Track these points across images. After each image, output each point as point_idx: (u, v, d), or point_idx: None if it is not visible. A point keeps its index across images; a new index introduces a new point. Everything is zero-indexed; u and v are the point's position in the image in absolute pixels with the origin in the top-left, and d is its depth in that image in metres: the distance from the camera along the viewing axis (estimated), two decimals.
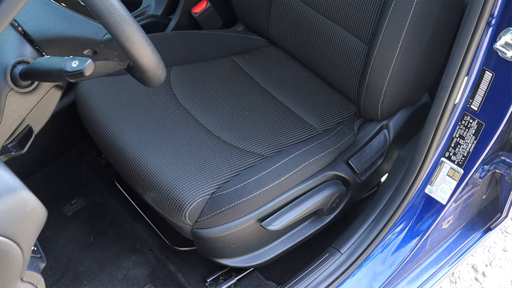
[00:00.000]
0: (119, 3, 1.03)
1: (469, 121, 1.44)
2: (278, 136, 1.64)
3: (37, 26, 1.16)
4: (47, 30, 1.15)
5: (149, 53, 1.09)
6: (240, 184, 1.49)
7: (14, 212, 0.86)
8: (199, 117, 1.66)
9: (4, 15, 0.79)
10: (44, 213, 0.91)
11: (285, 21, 1.84)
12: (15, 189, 0.87)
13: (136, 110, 1.66)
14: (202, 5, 2.01)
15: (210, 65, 1.86)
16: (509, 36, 1.30)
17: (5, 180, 0.88)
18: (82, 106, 1.70)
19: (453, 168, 1.51)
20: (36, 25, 1.16)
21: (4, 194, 0.86)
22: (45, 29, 1.15)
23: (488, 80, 1.37)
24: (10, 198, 0.86)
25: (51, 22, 1.16)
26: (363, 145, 1.71)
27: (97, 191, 1.94)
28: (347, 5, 1.64)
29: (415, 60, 1.53)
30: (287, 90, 1.81)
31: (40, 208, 0.90)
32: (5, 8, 0.78)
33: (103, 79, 1.70)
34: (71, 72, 1.02)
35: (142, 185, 1.53)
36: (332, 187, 1.62)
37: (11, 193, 0.86)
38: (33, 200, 0.89)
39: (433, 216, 1.59)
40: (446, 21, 1.52)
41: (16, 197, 0.86)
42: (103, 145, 1.65)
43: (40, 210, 0.90)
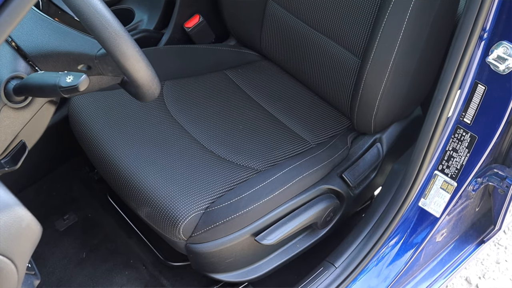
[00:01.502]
0: (113, 18, 1.03)
1: (462, 134, 1.45)
2: (271, 150, 1.64)
3: (31, 41, 1.15)
4: (41, 45, 1.15)
5: (144, 68, 1.09)
6: (234, 198, 1.48)
7: (9, 229, 0.85)
8: (192, 132, 1.66)
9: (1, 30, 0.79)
10: (39, 229, 0.91)
11: (277, 35, 1.85)
12: (10, 206, 0.86)
13: (129, 125, 1.65)
14: (194, 20, 2.01)
15: (203, 79, 1.86)
16: (501, 50, 1.31)
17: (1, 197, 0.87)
18: (74, 121, 1.69)
19: (446, 181, 1.51)
20: (29, 40, 1.16)
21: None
22: (39, 44, 1.15)
23: (481, 93, 1.38)
24: (5, 214, 0.85)
25: (45, 37, 1.16)
26: (356, 158, 1.71)
27: (90, 206, 1.93)
28: (339, 19, 1.65)
29: (408, 73, 1.54)
30: (280, 104, 1.81)
31: (35, 224, 0.90)
32: (1, 23, 0.78)
33: (96, 94, 1.70)
34: (66, 87, 1.02)
35: (135, 200, 1.52)
36: (326, 201, 1.62)
37: (6, 210, 0.85)
38: (28, 217, 0.88)
39: (427, 229, 1.59)
40: (438, 34, 1.53)
41: (11, 213, 0.86)
42: (96, 160, 1.64)
43: (35, 227, 0.89)
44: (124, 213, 1.86)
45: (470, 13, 1.26)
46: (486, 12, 1.26)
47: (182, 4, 1.97)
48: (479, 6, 1.25)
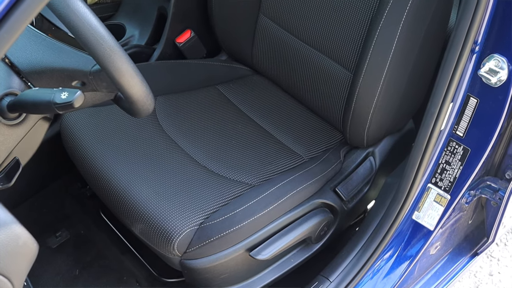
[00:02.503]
0: (108, 34, 1.03)
1: (455, 147, 1.46)
2: (264, 165, 1.64)
3: (25, 58, 1.15)
4: (34, 61, 1.15)
5: (139, 83, 1.09)
6: (229, 214, 1.48)
7: (5, 247, 0.84)
8: (185, 147, 1.65)
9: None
10: (36, 247, 0.90)
11: (269, 50, 1.85)
12: (6, 224, 0.86)
13: (122, 141, 1.65)
14: (186, 35, 2.01)
15: (195, 94, 1.86)
16: (492, 63, 1.32)
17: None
18: (67, 137, 1.69)
19: (440, 194, 1.52)
20: (23, 57, 1.15)
21: None
22: (33, 61, 1.15)
23: (473, 106, 1.39)
24: (1, 233, 0.84)
25: (39, 53, 1.16)
26: (349, 172, 1.71)
27: (82, 223, 1.91)
28: (331, 33, 1.65)
29: (400, 87, 1.55)
30: (272, 118, 1.81)
31: (32, 242, 0.89)
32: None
33: (88, 110, 1.70)
34: (61, 104, 1.01)
35: (129, 216, 1.51)
36: (320, 215, 1.61)
37: (2, 228, 0.85)
38: (25, 235, 0.88)
39: (421, 242, 1.59)
40: (430, 48, 1.54)
41: (7, 231, 0.85)
42: (89, 176, 1.63)
43: (32, 245, 0.89)
44: (117, 229, 1.85)
45: (461, 26, 1.27)
46: (478, 25, 1.27)
47: (173, 19, 1.97)
48: (471, 19, 1.26)
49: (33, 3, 0.70)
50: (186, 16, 2.00)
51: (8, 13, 0.71)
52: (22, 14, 0.70)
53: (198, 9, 2.00)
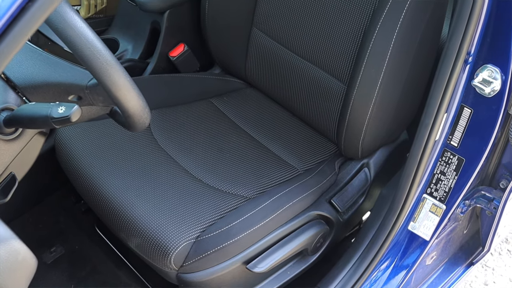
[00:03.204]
0: (104, 48, 1.03)
1: (449, 157, 1.46)
2: (260, 178, 1.64)
3: (20, 73, 1.15)
4: (30, 76, 1.14)
5: (135, 97, 1.09)
6: (225, 227, 1.48)
7: (5, 263, 0.84)
8: (180, 161, 1.65)
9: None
10: (35, 262, 0.90)
11: (262, 63, 1.86)
12: (6, 239, 0.85)
13: (117, 155, 1.64)
14: (179, 49, 2.02)
15: (189, 108, 1.86)
16: (486, 73, 1.33)
17: None
18: (61, 152, 1.68)
19: (435, 204, 1.52)
20: (19, 71, 1.15)
21: None
22: (29, 75, 1.14)
23: (467, 116, 1.40)
24: (1, 248, 0.84)
25: (35, 68, 1.15)
26: (344, 184, 1.71)
27: (77, 238, 1.90)
28: (324, 46, 1.66)
29: (395, 98, 1.56)
30: (266, 131, 1.82)
31: (31, 258, 0.88)
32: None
33: (82, 124, 1.69)
34: (58, 118, 1.01)
35: (125, 230, 1.50)
36: (315, 227, 1.61)
37: (2, 244, 0.84)
38: (24, 250, 0.87)
39: (417, 252, 1.59)
40: (423, 59, 1.55)
41: (7, 247, 0.85)
42: (84, 191, 1.63)
43: (31, 260, 0.88)
44: (112, 244, 1.84)
45: (455, 38, 1.28)
46: (471, 36, 1.28)
47: (166, 33, 1.98)
48: (464, 31, 1.27)
49: (32, 19, 0.70)
50: (179, 30, 2.01)
51: (7, 29, 0.71)
52: (21, 30, 0.70)
53: (191, 23, 2.01)
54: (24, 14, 0.69)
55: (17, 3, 0.68)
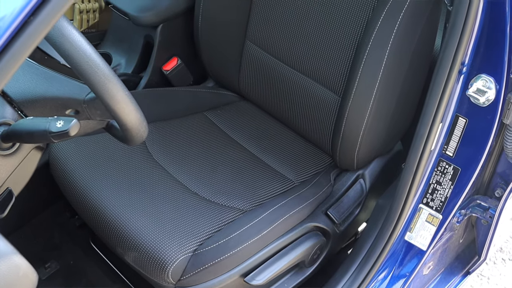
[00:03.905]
0: (102, 62, 1.03)
1: (445, 167, 1.47)
2: (256, 190, 1.64)
3: (17, 87, 1.15)
4: (27, 90, 1.14)
5: (134, 111, 1.09)
6: (222, 240, 1.47)
7: (6, 278, 0.83)
8: (175, 174, 1.65)
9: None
10: (36, 277, 0.89)
11: (256, 76, 1.87)
12: (6, 254, 0.85)
13: (112, 169, 1.64)
14: (172, 63, 2.02)
15: (183, 121, 1.86)
16: (480, 83, 1.34)
17: None
18: (55, 166, 1.67)
19: (431, 214, 1.53)
20: (16, 86, 1.15)
21: None
22: (26, 90, 1.14)
23: (462, 126, 1.41)
24: (2, 263, 0.83)
25: (32, 82, 1.15)
26: (340, 195, 1.72)
27: (72, 253, 1.89)
28: (318, 58, 1.67)
29: (389, 108, 1.57)
30: (260, 143, 1.82)
31: (31, 273, 0.88)
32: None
33: (77, 139, 1.68)
34: (56, 132, 1.01)
35: (122, 245, 1.50)
36: (312, 238, 1.61)
37: (3, 259, 0.84)
38: (25, 265, 0.87)
39: (414, 262, 1.60)
40: (417, 69, 1.56)
41: (8, 262, 0.84)
42: (79, 206, 1.62)
43: (31, 275, 0.88)
44: (108, 259, 1.82)
45: (449, 48, 1.30)
46: (465, 47, 1.29)
47: (160, 47, 1.98)
48: (458, 41, 1.28)
49: (34, 33, 0.70)
50: (172, 44, 2.01)
51: (7, 47, 0.71)
52: (24, 44, 0.70)
53: (185, 36, 2.01)
54: (26, 28, 0.69)
55: (20, 18, 0.68)
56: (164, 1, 1.94)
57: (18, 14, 0.68)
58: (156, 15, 1.94)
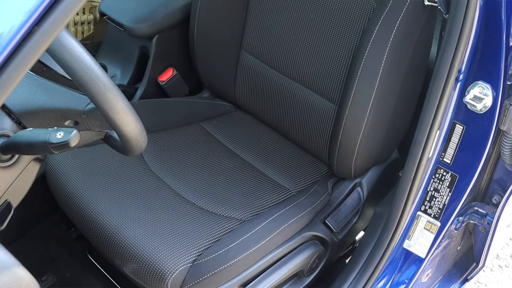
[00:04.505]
0: (102, 72, 1.03)
1: (442, 174, 1.48)
2: (253, 200, 1.64)
3: (16, 99, 1.14)
4: (26, 102, 1.14)
5: (133, 121, 1.09)
6: (221, 250, 1.47)
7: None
8: (173, 185, 1.64)
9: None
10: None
11: (251, 85, 1.87)
12: (9, 266, 0.84)
13: (109, 181, 1.63)
14: (168, 73, 2.02)
15: (179, 132, 1.86)
16: (477, 90, 1.35)
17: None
18: (52, 178, 1.67)
19: (430, 221, 1.53)
20: (14, 98, 1.14)
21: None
22: (25, 101, 1.14)
23: (459, 133, 1.42)
24: (4, 275, 0.83)
25: (31, 94, 1.15)
26: (338, 204, 1.72)
27: (69, 266, 1.88)
28: (314, 67, 1.68)
29: (387, 116, 1.57)
30: (257, 153, 1.82)
31: (34, 285, 0.87)
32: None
33: (73, 150, 1.67)
34: (56, 143, 1.01)
35: (120, 256, 1.49)
36: (311, 247, 1.61)
37: (5, 271, 0.83)
38: (28, 277, 0.86)
39: (413, 270, 1.60)
40: (413, 76, 1.57)
41: (10, 274, 0.83)
42: (76, 217, 1.61)
43: (34, 287, 0.87)
44: (105, 270, 1.81)
45: (446, 56, 1.30)
46: (461, 54, 1.30)
47: (155, 58, 1.98)
48: (454, 49, 1.29)
49: (38, 42, 0.70)
50: (168, 54, 2.01)
51: (13, 55, 0.71)
52: (28, 54, 0.70)
53: (180, 47, 2.02)
54: (30, 38, 0.69)
55: (24, 28, 0.68)
56: (160, 12, 1.95)
57: (23, 24, 0.68)
58: (151, 26, 1.94)
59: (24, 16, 0.73)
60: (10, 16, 0.75)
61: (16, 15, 0.74)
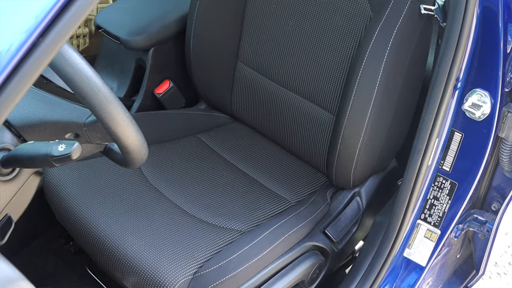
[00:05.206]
0: (103, 84, 1.03)
1: (442, 182, 1.48)
2: (253, 211, 1.64)
3: (16, 112, 1.14)
4: (26, 115, 1.13)
5: (135, 133, 1.08)
6: (223, 261, 1.46)
7: None
8: (172, 197, 1.64)
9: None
10: None
11: (248, 97, 1.87)
12: (13, 280, 0.83)
13: (107, 194, 1.63)
14: (165, 86, 2.02)
15: (177, 144, 1.85)
16: (475, 97, 1.35)
17: (3, 270, 0.84)
18: (50, 192, 1.66)
19: (429, 229, 1.53)
20: (14, 111, 1.14)
21: (3, 285, 0.83)
22: (25, 114, 1.13)
23: (458, 140, 1.42)
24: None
25: (31, 107, 1.14)
26: (337, 213, 1.71)
27: (67, 280, 1.86)
28: (311, 77, 1.68)
29: (385, 125, 1.57)
30: (255, 164, 1.82)
31: None
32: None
33: (70, 164, 1.67)
34: (58, 156, 1.00)
35: (121, 270, 1.48)
36: (311, 258, 1.61)
37: (10, 284, 0.82)
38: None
39: (414, 277, 1.59)
40: (411, 86, 1.58)
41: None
42: (75, 231, 1.60)
43: None
44: (104, 284, 1.80)
45: (444, 64, 1.31)
46: (460, 62, 1.31)
47: (151, 70, 1.98)
48: (453, 56, 1.30)
49: (43, 54, 0.70)
50: (164, 66, 2.01)
51: (17, 67, 0.71)
52: (32, 67, 0.70)
53: (176, 59, 2.02)
54: (35, 50, 0.69)
55: (30, 40, 0.67)
56: (156, 25, 1.95)
57: (29, 35, 0.68)
58: (147, 39, 1.94)
59: (23, 35, 0.72)
60: (9, 32, 0.75)
61: (15, 33, 0.74)
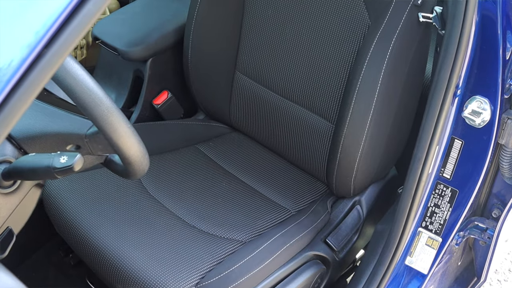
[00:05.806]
0: (105, 96, 1.03)
1: (442, 189, 1.48)
2: (253, 221, 1.63)
3: (17, 124, 1.13)
4: (27, 127, 1.13)
5: (136, 144, 1.08)
6: (225, 272, 1.46)
7: None
8: (172, 208, 1.64)
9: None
10: None
11: (246, 106, 1.87)
12: None
13: (107, 205, 1.62)
14: (163, 96, 2.02)
15: (176, 155, 1.85)
16: (475, 104, 1.35)
17: (6, 283, 0.83)
18: (50, 205, 1.65)
19: (431, 237, 1.53)
20: None
21: None
22: (26, 127, 1.13)
23: (458, 148, 1.42)
24: None
25: (32, 118, 1.14)
26: (338, 222, 1.71)
27: None
28: (309, 86, 1.68)
29: (385, 133, 1.57)
30: (255, 174, 1.81)
31: None
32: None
33: (70, 176, 1.67)
34: (60, 168, 0.99)
35: (122, 282, 1.47)
36: (313, 267, 1.60)
37: None
38: None
39: (416, 286, 1.59)
40: (410, 93, 1.58)
41: None
42: (75, 243, 1.59)
43: None
44: None
45: (443, 71, 1.31)
46: (459, 69, 1.31)
47: (150, 81, 1.98)
48: (452, 64, 1.30)
49: (48, 66, 0.70)
50: (162, 77, 2.01)
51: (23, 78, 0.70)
52: (37, 77, 0.69)
53: (174, 70, 2.02)
54: (40, 61, 0.68)
55: (35, 52, 0.67)
56: (153, 35, 1.95)
57: (35, 46, 0.67)
58: (145, 50, 1.94)
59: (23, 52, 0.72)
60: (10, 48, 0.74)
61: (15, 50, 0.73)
